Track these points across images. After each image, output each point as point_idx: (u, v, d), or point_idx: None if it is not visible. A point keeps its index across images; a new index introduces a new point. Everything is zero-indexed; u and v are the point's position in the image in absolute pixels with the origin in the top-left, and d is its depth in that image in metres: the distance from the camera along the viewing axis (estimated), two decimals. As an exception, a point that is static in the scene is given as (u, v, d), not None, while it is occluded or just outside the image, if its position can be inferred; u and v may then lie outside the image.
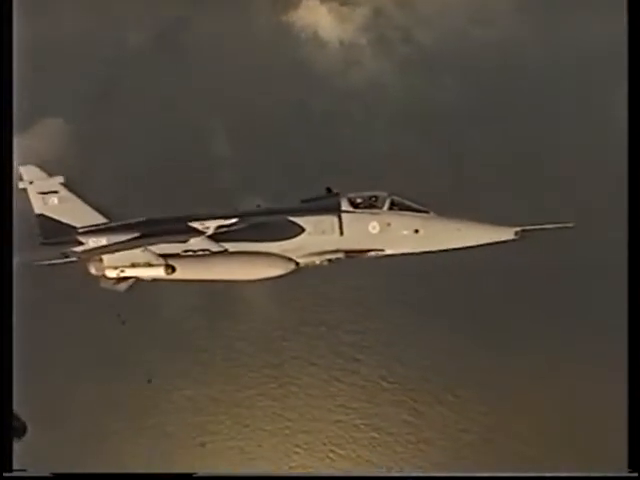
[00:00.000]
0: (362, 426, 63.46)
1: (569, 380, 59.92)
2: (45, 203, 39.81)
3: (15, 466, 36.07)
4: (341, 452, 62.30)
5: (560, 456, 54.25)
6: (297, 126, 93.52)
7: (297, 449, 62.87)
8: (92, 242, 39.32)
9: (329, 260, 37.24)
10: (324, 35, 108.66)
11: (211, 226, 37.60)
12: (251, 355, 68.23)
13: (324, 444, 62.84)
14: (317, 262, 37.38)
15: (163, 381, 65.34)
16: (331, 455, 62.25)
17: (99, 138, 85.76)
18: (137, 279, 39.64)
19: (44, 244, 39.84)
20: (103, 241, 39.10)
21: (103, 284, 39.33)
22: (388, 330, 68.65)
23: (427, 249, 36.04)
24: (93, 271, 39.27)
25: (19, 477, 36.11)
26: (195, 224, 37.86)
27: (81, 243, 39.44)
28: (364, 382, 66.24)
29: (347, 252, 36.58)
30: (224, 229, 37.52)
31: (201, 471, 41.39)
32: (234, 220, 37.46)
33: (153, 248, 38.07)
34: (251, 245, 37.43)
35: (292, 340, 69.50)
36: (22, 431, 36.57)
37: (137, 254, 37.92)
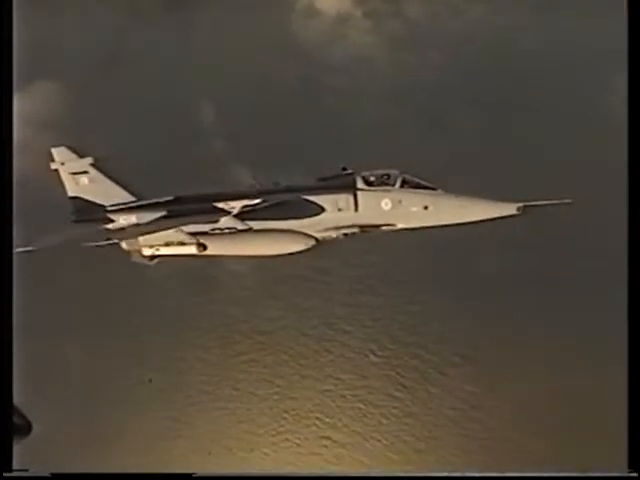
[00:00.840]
0: (349, 397, 65.66)
1: (566, 371, 61.32)
2: (77, 183, 41.16)
3: (16, 465, 36.43)
4: (327, 420, 64.51)
5: (550, 451, 56.43)
6: (290, 98, 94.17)
7: (285, 414, 65.07)
8: (122, 219, 40.70)
9: (345, 234, 39.21)
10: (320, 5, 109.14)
11: (237, 206, 39.45)
12: (246, 322, 70.02)
13: (311, 411, 65.05)
14: (334, 236, 39.33)
15: (160, 341, 66.99)
16: (317, 422, 64.44)
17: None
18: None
19: (76, 222, 41.10)
20: (133, 218, 40.56)
21: (134, 258, 40.73)
22: (381, 306, 70.59)
23: (435, 224, 38.13)
24: (125, 246, 40.70)
25: (19, 477, 36.45)
26: (221, 204, 39.69)
27: (112, 220, 40.67)
28: (353, 354, 68.27)
29: (361, 227, 38.82)
30: (249, 208, 39.30)
31: (200, 471, 42.59)
32: (258, 200, 39.27)
33: (184, 227, 39.68)
34: (274, 223, 39.40)
35: (286, 309, 71.32)
36: (27, 430, 36.91)
37: (170, 234, 39.70)
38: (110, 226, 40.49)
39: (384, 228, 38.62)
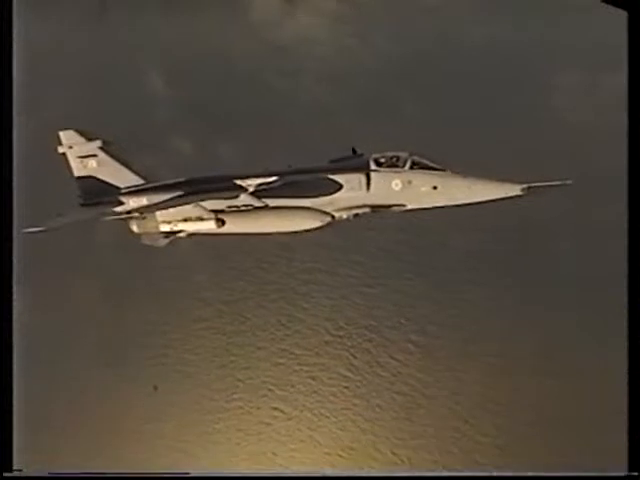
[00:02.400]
0: (301, 372, 68.11)
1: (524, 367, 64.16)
2: (84, 166, 41.33)
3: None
4: (278, 392, 66.97)
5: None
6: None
7: (239, 383, 67.27)
8: (132, 202, 40.97)
9: (356, 214, 39.79)
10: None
11: (253, 184, 40.14)
12: (208, 289, 71.55)
13: (263, 382, 67.35)
14: (344, 216, 39.86)
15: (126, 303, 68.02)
16: (269, 393, 66.82)
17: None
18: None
19: (84, 205, 41.27)
20: (143, 201, 40.72)
21: (144, 240, 41.28)
22: (338, 286, 72.93)
23: (444, 204, 38.74)
24: (135, 229, 41.17)
25: (19, 477, 37.29)
26: (237, 182, 40.20)
27: (122, 203, 41.06)
28: (308, 331, 70.67)
29: (372, 207, 39.38)
30: (264, 186, 40.01)
31: (195, 471, 44.22)
32: (274, 178, 39.99)
33: (203, 204, 40.10)
34: (289, 201, 39.89)
35: (247, 281, 73.12)
36: None
37: (189, 209, 39.99)
38: (119, 209, 40.80)
39: (394, 208, 39.14)
